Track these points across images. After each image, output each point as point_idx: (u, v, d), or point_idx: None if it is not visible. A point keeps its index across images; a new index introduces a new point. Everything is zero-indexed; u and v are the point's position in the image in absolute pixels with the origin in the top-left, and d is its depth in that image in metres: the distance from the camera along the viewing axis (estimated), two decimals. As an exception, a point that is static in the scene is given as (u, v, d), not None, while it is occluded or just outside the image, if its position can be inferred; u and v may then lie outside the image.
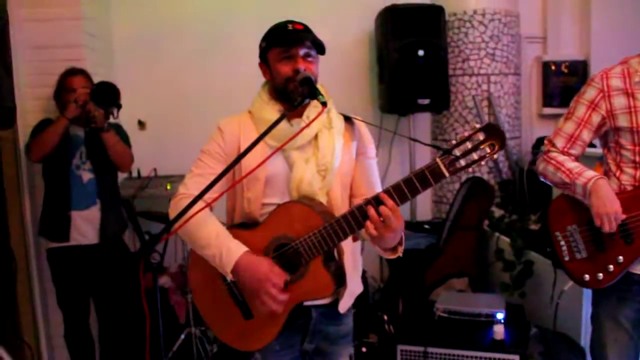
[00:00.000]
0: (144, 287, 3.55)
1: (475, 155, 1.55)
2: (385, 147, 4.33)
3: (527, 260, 3.36)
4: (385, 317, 3.67)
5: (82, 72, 3.24)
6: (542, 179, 2.35)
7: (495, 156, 1.55)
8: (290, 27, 1.87)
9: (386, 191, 1.64)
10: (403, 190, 1.62)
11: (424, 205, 4.53)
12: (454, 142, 1.58)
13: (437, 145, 1.85)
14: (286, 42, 1.84)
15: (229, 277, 1.78)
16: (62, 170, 3.16)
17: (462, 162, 1.56)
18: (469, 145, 1.55)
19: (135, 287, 3.57)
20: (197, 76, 4.33)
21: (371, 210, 1.63)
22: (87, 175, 3.21)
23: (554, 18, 4.64)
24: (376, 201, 1.64)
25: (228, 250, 1.76)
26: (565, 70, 4.61)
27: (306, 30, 1.88)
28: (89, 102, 3.01)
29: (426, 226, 4.23)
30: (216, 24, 4.33)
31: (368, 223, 1.64)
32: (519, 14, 4.44)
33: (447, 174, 1.58)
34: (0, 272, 3.18)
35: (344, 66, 4.23)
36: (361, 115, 1.99)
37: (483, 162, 1.56)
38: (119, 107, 3.14)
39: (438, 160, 1.59)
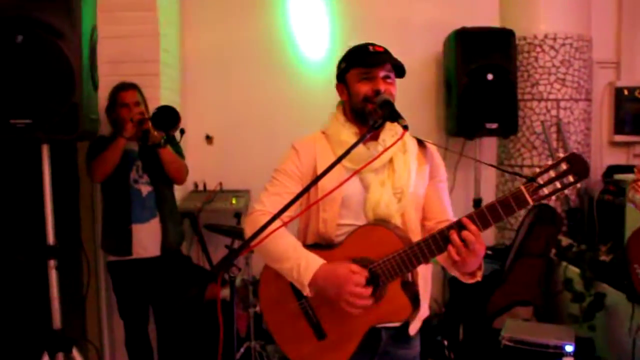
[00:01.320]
0: (210, 298, 3.63)
1: (558, 184, 1.56)
2: (449, 171, 4.27)
3: (597, 292, 3.24)
4: (445, 342, 3.62)
5: (134, 87, 3.27)
6: (631, 206, 2.30)
7: (578, 185, 1.56)
8: (371, 49, 1.90)
9: (469, 217, 1.66)
10: (486, 216, 1.64)
11: (488, 230, 4.41)
12: (537, 169, 1.59)
13: (519, 173, 1.84)
14: (368, 63, 1.87)
15: (306, 291, 1.78)
16: (122, 185, 3.19)
17: (545, 191, 1.58)
18: (552, 173, 1.56)
19: (198, 298, 3.64)
20: (264, 94, 4.41)
21: (454, 235, 1.64)
22: (146, 189, 3.24)
23: (629, 43, 4.53)
24: (459, 226, 1.65)
25: (307, 262, 1.77)
26: (640, 96, 4.48)
27: (387, 52, 1.90)
28: (146, 121, 3.04)
29: (489, 252, 4.15)
30: (284, 42, 4.42)
31: (451, 247, 1.65)
32: (592, 39, 4.35)
33: (531, 202, 1.60)
34: (71, 274, 3.29)
35: (410, 88, 4.20)
36: (426, 137, 2.00)
37: (566, 191, 1.57)
38: (182, 132, 3.18)
39: (522, 187, 1.60)
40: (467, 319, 3.69)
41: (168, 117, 3.05)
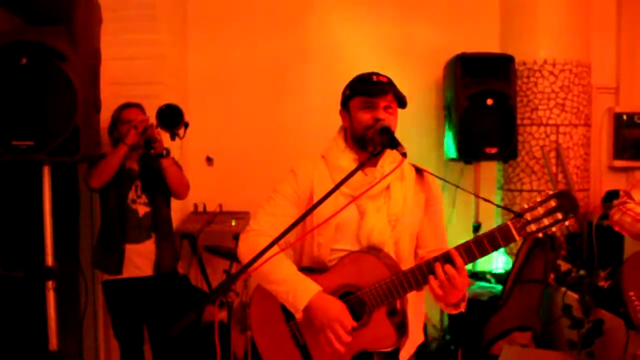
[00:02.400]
0: (207, 321, 3.62)
1: (546, 221, 1.58)
2: (449, 196, 4.30)
3: (596, 319, 3.23)
4: (444, 368, 3.60)
5: (138, 106, 3.29)
6: (616, 229, 2.32)
7: (566, 223, 1.57)
8: (375, 78, 1.92)
9: (456, 249, 1.68)
10: (472, 251, 1.66)
11: (487, 254, 4.44)
12: (525, 206, 1.61)
13: (509, 208, 1.87)
14: (370, 93, 1.89)
15: (299, 315, 1.80)
16: (119, 205, 3.18)
17: (533, 227, 1.59)
18: (540, 210, 1.58)
19: (195, 321, 3.61)
20: (266, 117, 4.44)
21: (438, 269, 1.67)
22: (143, 209, 3.24)
23: (628, 68, 4.56)
24: (444, 259, 1.68)
25: (304, 287, 1.79)
26: (639, 122, 4.49)
27: (390, 83, 1.93)
28: (150, 128, 3.05)
29: (488, 276, 4.14)
30: (286, 67, 4.46)
31: (433, 281, 1.68)
32: (591, 64, 4.38)
33: (517, 237, 1.62)
34: (69, 295, 3.28)
35: (410, 112, 4.17)
36: (426, 162, 2.03)
37: (554, 229, 1.58)
38: (187, 125, 3.17)
39: (509, 223, 1.62)
40: (465, 345, 3.67)
41: (172, 115, 3.08)
